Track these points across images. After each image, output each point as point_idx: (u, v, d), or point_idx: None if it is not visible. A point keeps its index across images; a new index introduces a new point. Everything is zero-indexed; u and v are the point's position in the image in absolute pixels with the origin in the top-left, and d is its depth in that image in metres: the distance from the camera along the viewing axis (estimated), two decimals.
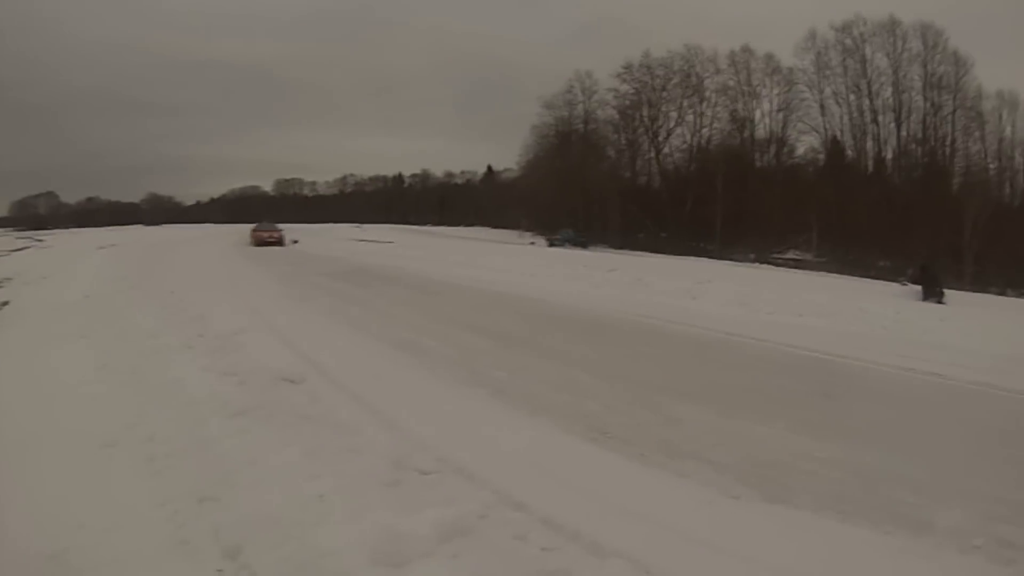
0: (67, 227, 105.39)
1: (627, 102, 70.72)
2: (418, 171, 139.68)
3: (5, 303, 15.86)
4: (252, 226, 50.36)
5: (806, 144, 63.40)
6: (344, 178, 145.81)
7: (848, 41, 58.94)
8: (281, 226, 50.64)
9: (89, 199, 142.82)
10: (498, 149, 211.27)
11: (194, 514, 4.75)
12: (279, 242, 44.02)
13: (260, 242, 43.33)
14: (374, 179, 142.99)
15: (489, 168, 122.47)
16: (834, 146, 60.77)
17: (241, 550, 4.23)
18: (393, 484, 5.09)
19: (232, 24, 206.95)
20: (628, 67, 69.65)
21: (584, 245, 57.60)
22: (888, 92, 57.74)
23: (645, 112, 69.65)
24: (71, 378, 8.43)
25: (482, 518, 4.55)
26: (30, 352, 10.04)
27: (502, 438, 6.39)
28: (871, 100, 58.41)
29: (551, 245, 57.16)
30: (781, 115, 63.30)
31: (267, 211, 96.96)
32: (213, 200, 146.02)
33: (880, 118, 58.35)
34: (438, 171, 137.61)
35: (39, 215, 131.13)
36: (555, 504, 4.88)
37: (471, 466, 5.57)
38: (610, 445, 6.29)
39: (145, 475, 5.46)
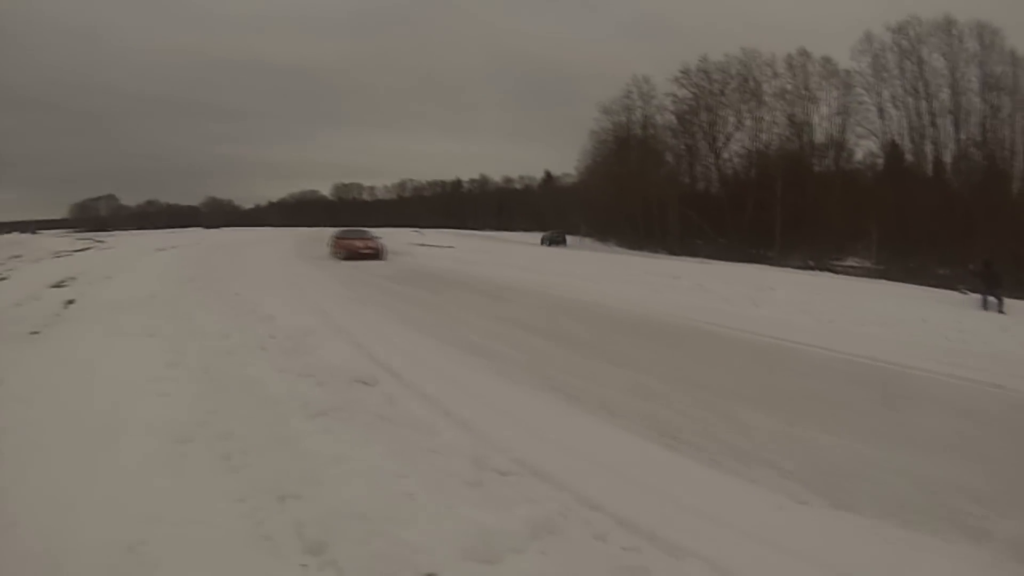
0: (127, 229, 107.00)
1: (685, 107, 70.03)
2: (476, 176, 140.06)
3: (71, 301, 16.08)
4: (334, 232, 37.64)
5: (865, 148, 62.17)
6: (403, 183, 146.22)
7: (904, 43, 57.21)
8: (375, 232, 40.00)
9: (149, 202, 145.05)
10: (556, 153, 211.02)
11: (275, 510, 4.78)
12: (377, 254, 32.05)
13: (351, 254, 31.60)
14: (432, 184, 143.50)
15: (548, 173, 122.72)
16: (892, 150, 59.36)
17: (326, 546, 4.28)
18: (476, 484, 5.22)
19: (288, 27, 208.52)
20: (686, 71, 69.11)
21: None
22: (946, 94, 56.54)
23: (703, 117, 68.79)
24: (141, 375, 8.45)
25: (563, 518, 4.66)
26: (98, 349, 10.11)
27: (576, 441, 6.51)
28: (929, 103, 56.89)
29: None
30: (839, 119, 62.21)
31: (326, 215, 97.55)
32: (272, 204, 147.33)
33: (938, 121, 56.77)
34: (496, 176, 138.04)
35: (99, 217, 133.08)
36: (631, 506, 5.01)
37: (548, 468, 5.69)
38: (683, 450, 6.41)
39: (222, 471, 5.52)
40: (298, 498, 4.92)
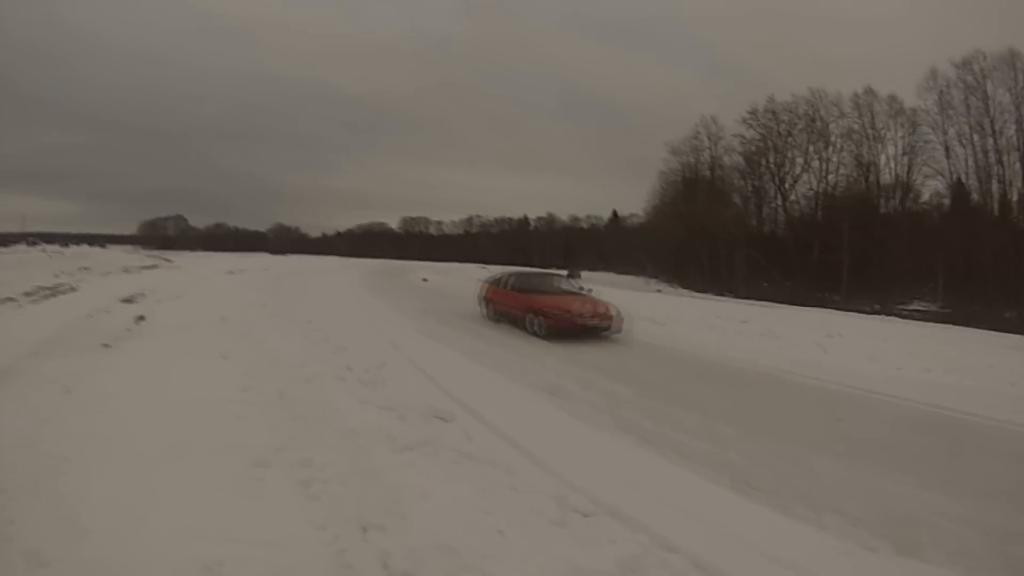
0: (193, 250, 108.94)
1: (753, 148, 70.27)
2: (544, 214, 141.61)
3: (141, 317, 16.30)
4: (501, 277, 21.67)
5: (931, 188, 61.45)
6: (470, 218, 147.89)
7: (969, 78, 56.72)
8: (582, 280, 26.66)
9: (217, 224, 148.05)
10: (623, 193, 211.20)
11: (358, 540, 4.90)
12: (608, 323, 17.60)
13: (563, 326, 17.12)
14: (500, 221, 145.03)
15: (615, 213, 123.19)
16: (958, 190, 58.49)
17: None
18: (560, 523, 5.35)
19: (360, 60, 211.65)
20: (753, 112, 69.20)
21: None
22: (1012, 130, 55.46)
23: (771, 158, 68.99)
24: (215, 396, 8.61)
25: (642, 559, 4.75)
26: (171, 366, 10.25)
27: (650, 484, 6.63)
28: (995, 139, 56.01)
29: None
30: (906, 159, 61.72)
31: (393, 247, 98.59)
32: (339, 234, 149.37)
33: (1005, 158, 55.76)
34: (563, 214, 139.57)
35: (167, 236, 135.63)
36: (706, 548, 5.16)
37: (625, 509, 5.81)
38: (754, 495, 6.53)
39: (301, 498, 5.62)
40: (382, 529, 5.00)
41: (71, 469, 5.95)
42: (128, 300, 20.52)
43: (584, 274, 79.85)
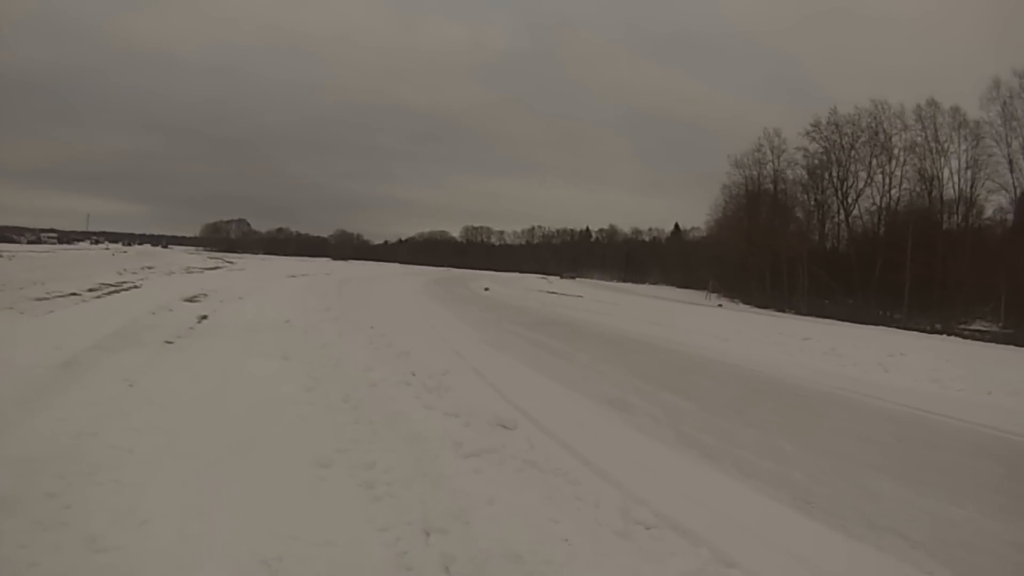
0: (254, 253, 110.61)
1: (816, 161, 69.43)
2: (605, 226, 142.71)
3: (204, 316, 16.66)
4: None
5: (994, 203, 59.93)
6: (532, 229, 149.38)
7: None
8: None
9: (279, 229, 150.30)
10: (685, 206, 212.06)
11: (419, 543, 4.91)
12: None
13: None
14: (561, 232, 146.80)
15: (676, 226, 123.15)
16: (1022, 205, 57.33)
17: None
18: (625, 534, 5.37)
19: (423, 74, 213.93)
20: (816, 125, 68.28)
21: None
22: None
23: (834, 172, 68.15)
24: (277, 397, 8.84)
25: (704, 573, 4.80)
26: (233, 365, 10.58)
27: (711, 498, 6.67)
28: None
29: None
30: (969, 173, 60.01)
31: (454, 256, 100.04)
32: (401, 241, 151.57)
33: None
34: (624, 226, 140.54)
35: (229, 239, 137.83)
36: (765, 565, 5.19)
37: (685, 522, 5.83)
38: (814, 514, 6.51)
39: (363, 500, 5.70)
40: (445, 533, 5.05)
41: (133, 460, 6.12)
42: (191, 299, 21.03)
43: (644, 287, 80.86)
